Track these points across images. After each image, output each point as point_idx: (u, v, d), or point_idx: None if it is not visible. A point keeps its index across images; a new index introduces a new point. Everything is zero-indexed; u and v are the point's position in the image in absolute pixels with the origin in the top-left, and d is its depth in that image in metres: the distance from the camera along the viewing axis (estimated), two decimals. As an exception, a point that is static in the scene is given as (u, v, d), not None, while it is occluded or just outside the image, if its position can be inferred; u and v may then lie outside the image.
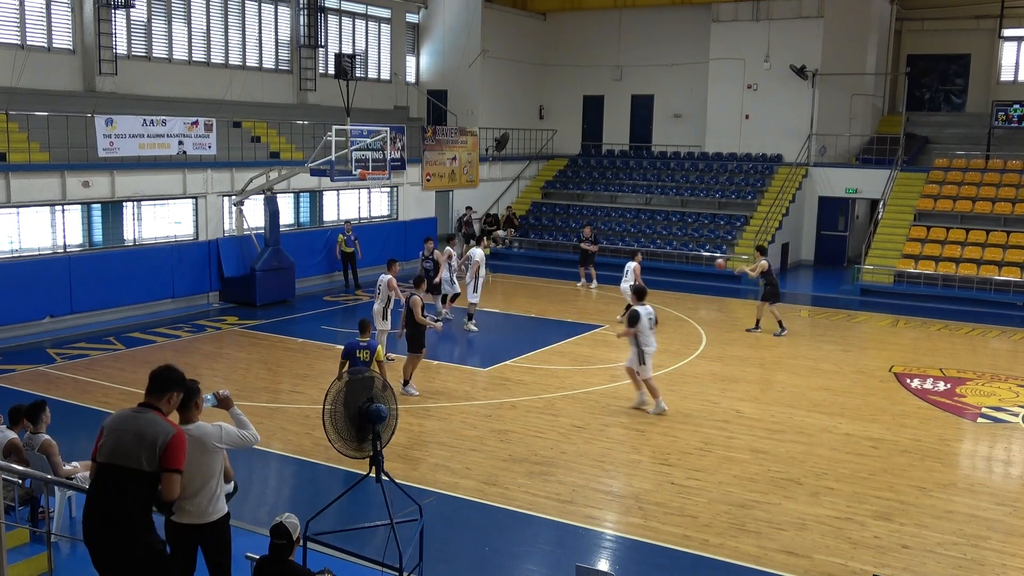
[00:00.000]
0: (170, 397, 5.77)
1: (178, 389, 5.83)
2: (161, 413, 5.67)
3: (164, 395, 5.74)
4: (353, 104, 24.66)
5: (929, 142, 31.16)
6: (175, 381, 5.83)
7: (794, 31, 29.65)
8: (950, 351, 17.80)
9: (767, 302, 18.71)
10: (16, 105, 18.71)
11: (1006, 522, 9.71)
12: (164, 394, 5.74)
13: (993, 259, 23.74)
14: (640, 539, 9.16)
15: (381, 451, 7.44)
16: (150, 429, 5.53)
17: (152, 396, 5.74)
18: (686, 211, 29.40)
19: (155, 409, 5.67)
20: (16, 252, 17.33)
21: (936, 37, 33.73)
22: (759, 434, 12.39)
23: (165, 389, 5.76)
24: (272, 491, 10.72)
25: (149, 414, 5.63)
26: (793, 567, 8.55)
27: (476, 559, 8.76)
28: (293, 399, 13.57)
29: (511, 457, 11.28)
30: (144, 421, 5.60)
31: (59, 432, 9.26)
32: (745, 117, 30.89)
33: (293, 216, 23.58)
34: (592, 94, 34.79)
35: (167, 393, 5.76)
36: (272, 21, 26.56)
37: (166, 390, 5.76)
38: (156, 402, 5.71)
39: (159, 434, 5.51)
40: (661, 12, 32.52)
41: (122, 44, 22.29)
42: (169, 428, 5.57)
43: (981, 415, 13.58)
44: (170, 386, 5.78)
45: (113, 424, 5.69)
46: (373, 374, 7.53)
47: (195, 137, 20.06)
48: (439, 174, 27.89)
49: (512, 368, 15.55)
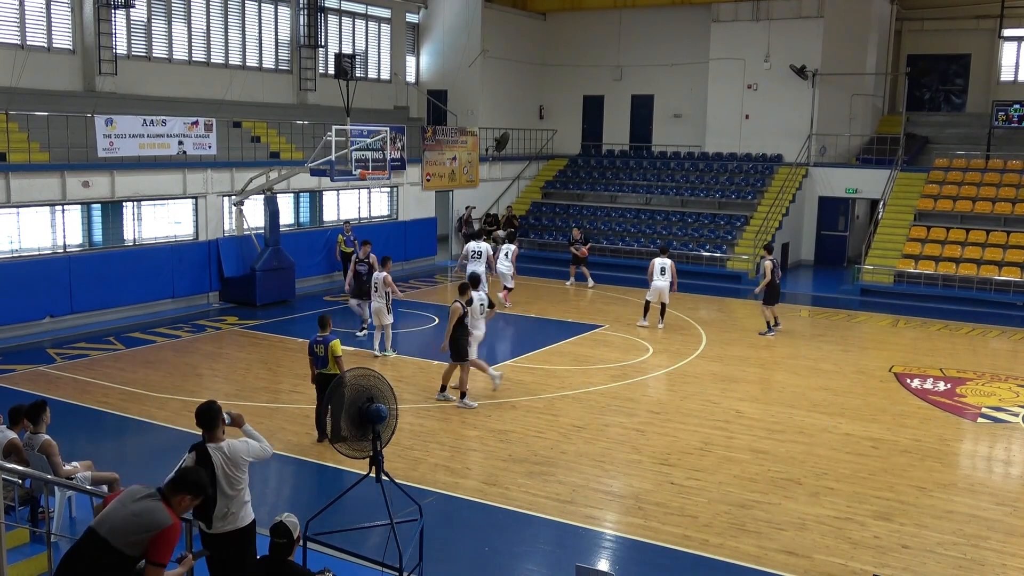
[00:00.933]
0: (183, 499, 5.63)
1: (194, 494, 5.69)
2: (168, 505, 5.54)
3: (178, 494, 5.62)
4: (353, 104, 24.67)
5: (929, 142, 31.16)
6: (194, 485, 5.70)
7: (794, 31, 29.65)
8: (950, 351, 17.80)
9: (764, 303, 18.71)
10: (16, 105, 18.71)
11: (1006, 522, 9.71)
12: (179, 494, 5.62)
13: (993, 259, 23.74)
14: (640, 539, 9.16)
15: (381, 451, 7.44)
16: (147, 515, 5.43)
17: (170, 488, 5.63)
18: (686, 211, 29.40)
19: (165, 500, 5.55)
20: (16, 252, 17.32)
21: (936, 37, 33.73)
22: (759, 434, 12.39)
23: (182, 489, 5.64)
24: (272, 491, 10.72)
25: (156, 500, 5.52)
26: (793, 567, 8.55)
27: (476, 559, 8.76)
28: (293, 399, 13.57)
29: (511, 457, 11.28)
30: (146, 505, 5.49)
31: (59, 432, 9.26)
32: (745, 117, 30.90)
33: (293, 216, 23.58)
34: (592, 94, 34.79)
35: (181, 494, 5.63)
36: (272, 21, 26.57)
37: (181, 491, 5.63)
38: (171, 495, 5.60)
39: (153, 523, 5.40)
40: (661, 12, 32.52)
41: (122, 44, 22.29)
42: (165, 520, 5.44)
43: (981, 415, 13.58)
44: (186, 488, 5.65)
45: (124, 496, 5.63)
46: (373, 373, 7.52)
47: (195, 137, 20.05)
48: (439, 174, 27.88)
49: (512, 368, 15.55)
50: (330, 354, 11.42)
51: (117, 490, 8.91)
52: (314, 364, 11.69)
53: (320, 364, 11.57)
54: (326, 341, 11.48)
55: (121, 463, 10.09)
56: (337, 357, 11.38)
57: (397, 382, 13.73)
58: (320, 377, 11.60)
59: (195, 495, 5.69)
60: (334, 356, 11.39)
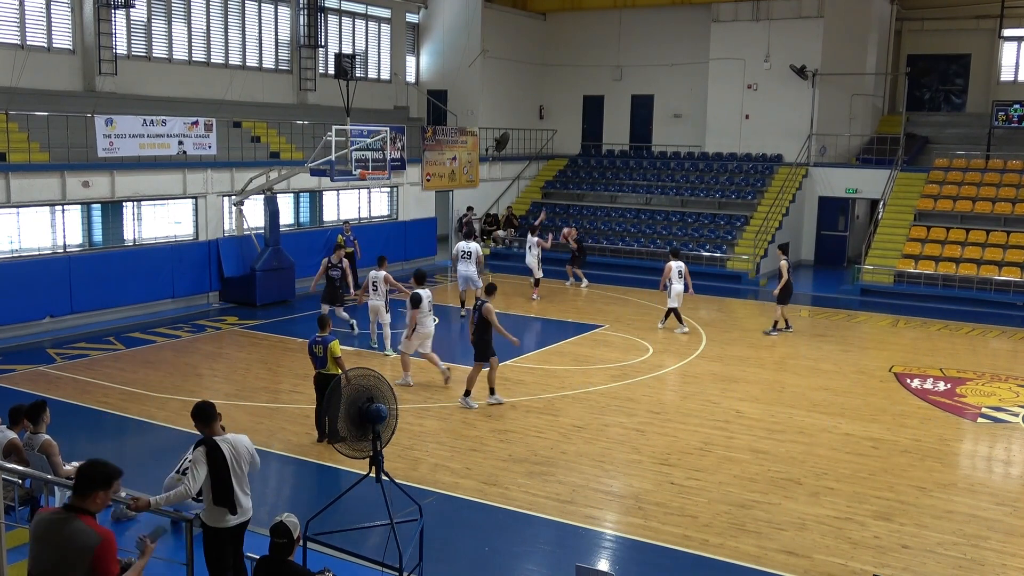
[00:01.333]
0: (96, 496, 5.24)
1: (105, 487, 5.27)
2: (87, 515, 5.18)
3: (89, 494, 5.24)
4: (353, 104, 24.68)
5: (929, 142, 31.16)
6: (101, 478, 5.29)
7: (794, 31, 29.66)
8: (950, 351, 17.80)
9: (778, 302, 18.80)
10: (16, 105, 18.72)
11: (1006, 522, 9.71)
12: (89, 493, 5.24)
13: (993, 259, 23.74)
14: (640, 539, 9.16)
15: (381, 451, 7.44)
16: (74, 542, 5.10)
17: (77, 496, 5.22)
18: (686, 211, 29.40)
19: (81, 512, 5.17)
20: (16, 252, 17.32)
21: (936, 37, 33.74)
22: (759, 434, 12.39)
23: (89, 487, 5.25)
24: (272, 491, 10.72)
25: (75, 522, 5.13)
26: (793, 567, 8.55)
27: (476, 559, 8.76)
28: (293, 399, 13.57)
29: (511, 457, 11.28)
30: (69, 532, 5.13)
31: (59, 432, 9.27)
32: (745, 117, 30.90)
33: (293, 216, 23.58)
34: (592, 94, 34.80)
35: (93, 492, 5.24)
36: (272, 21, 26.57)
37: (91, 488, 5.25)
38: (82, 503, 5.20)
39: (86, 548, 5.08)
40: (661, 12, 32.52)
41: (122, 44, 22.30)
42: (95, 537, 5.10)
43: (981, 415, 13.58)
44: (95, 484, 5.26)
45: (37, 532, 5.27)
46: (373, 373, 7.52)
47: (195, 137, 20.06)
48: (439, 174, 27.88)
49: (512, 368, 15.54)
50: (329, 355, 11.42)
51: (117, 490, 8.91)
52: (313, 364, 11.69)
53: (319, 364, 11.57)
54: (325, 341, 11.47)
55: (121, 463, 9.98)
56: (336, 357, 11.37)
57: (397, 382, 13.75)
58: (319, 377, 11.61)
59: (106, 486, 5.30)
60: (333, 357, 11.38)
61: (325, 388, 11.32)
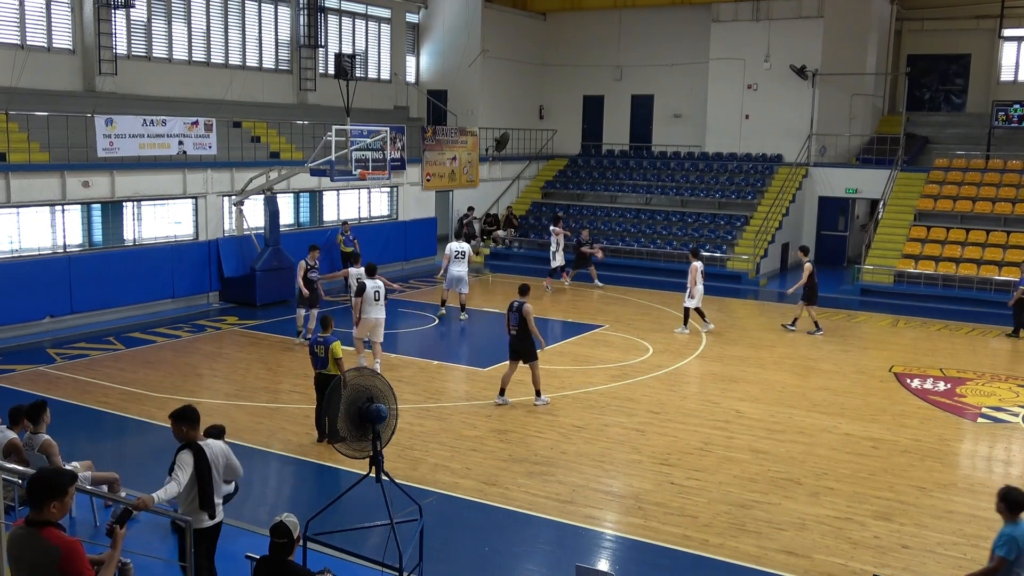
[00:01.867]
0: (50, 505, 5.10)
1: (57, 497, 5.10)
2: (50, 526, 5.10)
3: (44, 506, 5.11)
4: (353, 104, 24.67)
5: (929, 142, 31.16)
6: (50, 489, 5.12)
7: (794, 31, 29.65)
8: (950, 351, 17.80)
9: (806, 303, 18.88)
10: (16, 105, 18.72)
11: (1006, 522, 9.70)
12: (43, 505, 5.11)
13: (993, 259, 23.73)
14: (640, 539, 9.16)
15: (381, 451, 7.44)
16: (41, 558, 5.05)
17: (33, 511, 5.14)
18: (686, 211, 29.39)
19: (40, 525, 5.09)
20: (16, 252, 17.32)
21: (936, 37, 33.73)
22: (759, 434, 12.39)
23: (40, 499, 5.12)
24: (272, 491, 10.72)
25: (35, 538, 5.08)
26: (793, 567, 8.55)
27: (476, 559, 8.76)
28: (293, 399, 13.56)
29: (511, 457, 11.28)
30: (31, 547, 5.09)
31: (59, 432, 9.27)
32: (745, 117, 30.89)
33: (293, 216, 23.58)
34: (592, 94, 34.79)
35: (46, 503, 5.10)
36: (272, 21, 26.57)
37: (42, 500, 5.11)
38: (39, 516, 5.11)
39: (49, 560, 5.02)
40: (661, 12, 32.52)
41: (122, 44, 22.29)
42: (55, 550, 5.02)
43: (981, 415, 13.58)
44: (45, 495, 5.11)
45: (9, 549, 5.25)
46: (373, 373, 7.52)
47: (195, 137, 20.06)
48: (439, 174, 27.88)
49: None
50: (330, 356, 11.41)
51: (117, 490, 8.92)
52: (314, 364, 11.70)
53: (320, 365, 11.57)
54: (327, 342, 11.48)
55: (121, 463, 10.09)
56: (337, 359, 11.36)
57: (397, 382, 13.74)
58: (320, 377, 11.61)
59: (58, 495, 5.12)
60: (334, 358, 11.37)
61: (325, 388, 11.33)
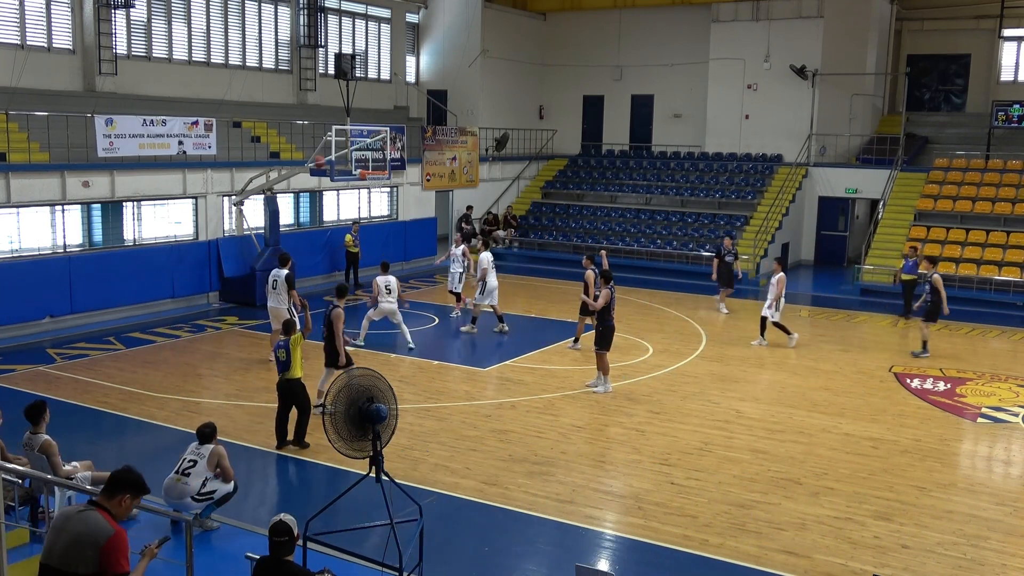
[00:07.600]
0: (122, 499, 5.44)
1: (132, 492, 5.49)
2: (107, 513, 5.36)
3: (116, 496, 5.43)
4: (353, 104, 24.67)
5: (929, 142, 31.17)
6: (131, 484, 5.50)
7: (794, 31, 29.66)
8: (950, 351, 17.79)
9: (926, 320, 17.45)
10: (16, 105, 18.72)
11: (1006, 522, 9.71)
12: (116, 495, 5.44)
13: (993, 259, 23.73)
14: (640, 539, 9.16)
15: (381, 451, 7.44)
16: (89, 531, 5.26)
17: (104, 495, 5.45)
18: (686, 211, 29.40)
19: (102, 509, 5.37)
20: (16, 252, 17.33)
21: (936, 37, 33.73)
22: (759, 434, 12.39)
23: (118, 490, 5.45)
24: (272, 491, 10.72)
25: (93, 513, 5.34)
26: (793, 567, 8.55)
27: (476, 559, 8.75)
28: (293, 399, 13.54)
29: (511, 457, 11.28)
30: (84, 521, 5.32)
31: (59, 432, 9.27)
32: (745, 117, 30.90)
33: (293, 216, 23.57)
34: (592, 94, 34.80)
35: (120, 494, 5.44)
36: (272, 21, 26.57)
37: (119, 491, 5.45)
38: (106, 502, 5.41)
39: (98, 536, 5.23)
40: (661, 12, 32.53)
41: (122, 44, 22.30)
42: (107, 529, 5.27)
43: (981, 415, 13.58)
44: (124, 488, 5.47)
45: (57, 522, 5.50)
46: (373, 373, 7.51)
47: (195, 137, 20.06)
48: (439, 174, 27.88)
49: (512, 368, 15.55)
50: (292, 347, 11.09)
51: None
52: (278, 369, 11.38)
53: (282, 368, 11.27)
54: (286, 346, 11.19)
55: (121, 463, 10.02)
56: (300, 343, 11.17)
57: (397, 382, 13.73)
58: (282, 382, 11.32)
59: (135, 493, 5.51)
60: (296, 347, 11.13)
61: (287, 393, 11.23)
